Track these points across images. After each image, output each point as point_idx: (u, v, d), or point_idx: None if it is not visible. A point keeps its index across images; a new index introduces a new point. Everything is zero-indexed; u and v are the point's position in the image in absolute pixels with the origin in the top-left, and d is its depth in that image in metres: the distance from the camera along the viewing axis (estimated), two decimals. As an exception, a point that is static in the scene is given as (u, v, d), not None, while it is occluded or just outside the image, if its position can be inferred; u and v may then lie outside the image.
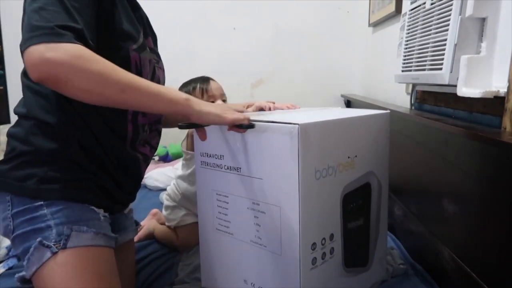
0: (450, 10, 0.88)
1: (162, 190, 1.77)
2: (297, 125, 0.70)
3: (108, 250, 0.76)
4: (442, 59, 0.91)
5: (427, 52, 1.00)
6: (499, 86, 0.79)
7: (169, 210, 1.30)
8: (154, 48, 0.93)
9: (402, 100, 1.48)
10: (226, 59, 2.36)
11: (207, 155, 0.89)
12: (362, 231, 0.92)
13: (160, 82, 0.90)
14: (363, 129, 0.88)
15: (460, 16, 0.85)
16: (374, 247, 0.96)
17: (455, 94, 0.86)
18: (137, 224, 1.02)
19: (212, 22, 2.34)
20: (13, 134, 0.76)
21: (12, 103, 2.26)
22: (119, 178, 0.82)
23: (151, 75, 0.84)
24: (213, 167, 0.88)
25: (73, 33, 0.62)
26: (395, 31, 1.33)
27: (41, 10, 0.62)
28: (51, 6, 0.62)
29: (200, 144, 0.89)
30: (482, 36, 0.85)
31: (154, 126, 0.90)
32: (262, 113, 0.94)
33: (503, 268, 0.75)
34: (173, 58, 2.18)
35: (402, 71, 1.18)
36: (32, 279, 0.71)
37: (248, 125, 0.76)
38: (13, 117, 0.80)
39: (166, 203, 1.33)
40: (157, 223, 1.36)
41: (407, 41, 1.15)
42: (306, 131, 0.72)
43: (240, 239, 0.85)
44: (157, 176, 1.91)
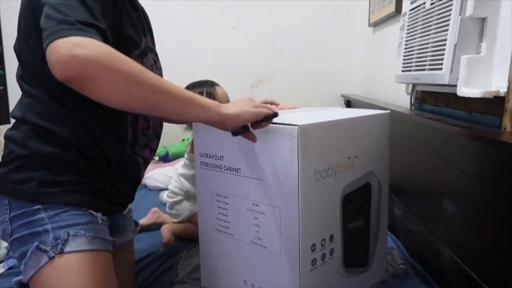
0: (450, 10, 0.88)
1: (162, 190, 1.78)
2: (297, 127, 0.70)
3: (106, 254, 0.75)
4: (442, 59, 0.91)
5: (427, 52, 1.00)
6: (499, 86, 0.79)
7: (177, 206, 1.29)
8: (152, 47, 0.92)
9: (402, 100, 1.48)
10: (226, 59, 2.36)
11: (207, 156, 0.88)
12: (362, 232, 0.92)
13: None
14: (363, 129, 0.88)
15: (460, 16, 0.85)
16: (374, 248, 0.96)
17: (455, 94, 0.86)
18: (137, 224, 1.02)
19: (212, 22, 2.34)
20: (11, 137, 0.75)
21: (12, 103, 2.25)
22: (118, 181, 0.82)
23: None
24: (213, 168, 0.87)
25: (98, 31, 0.59)
26: (395, 31, 1.33)
27: (62, 6, 0.59)
28: (73, 2, 0.60)
29: (200, 145, 0.89)
30: (482, 36, 0.85)
31: (154, 130, 0.89)
32: None
33: (503, 268, 0.75)
34: (173, 58, 2.19)
35: (402, 71, 1.18)
36: (29, 284, 0.70)
37: (273, 115, 0.73)
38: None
39: (171, 200, 1.32)
40: (169, 226, 1.31)
41: (407, 41, 1.15)
42: (306, 133, 0.71)
43: (240, 240, 0.85)
44: (157, 176, 1.91)
